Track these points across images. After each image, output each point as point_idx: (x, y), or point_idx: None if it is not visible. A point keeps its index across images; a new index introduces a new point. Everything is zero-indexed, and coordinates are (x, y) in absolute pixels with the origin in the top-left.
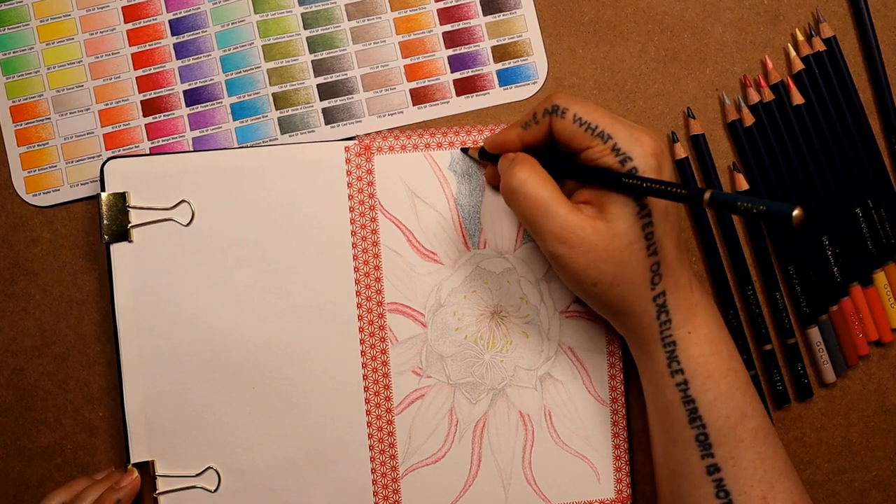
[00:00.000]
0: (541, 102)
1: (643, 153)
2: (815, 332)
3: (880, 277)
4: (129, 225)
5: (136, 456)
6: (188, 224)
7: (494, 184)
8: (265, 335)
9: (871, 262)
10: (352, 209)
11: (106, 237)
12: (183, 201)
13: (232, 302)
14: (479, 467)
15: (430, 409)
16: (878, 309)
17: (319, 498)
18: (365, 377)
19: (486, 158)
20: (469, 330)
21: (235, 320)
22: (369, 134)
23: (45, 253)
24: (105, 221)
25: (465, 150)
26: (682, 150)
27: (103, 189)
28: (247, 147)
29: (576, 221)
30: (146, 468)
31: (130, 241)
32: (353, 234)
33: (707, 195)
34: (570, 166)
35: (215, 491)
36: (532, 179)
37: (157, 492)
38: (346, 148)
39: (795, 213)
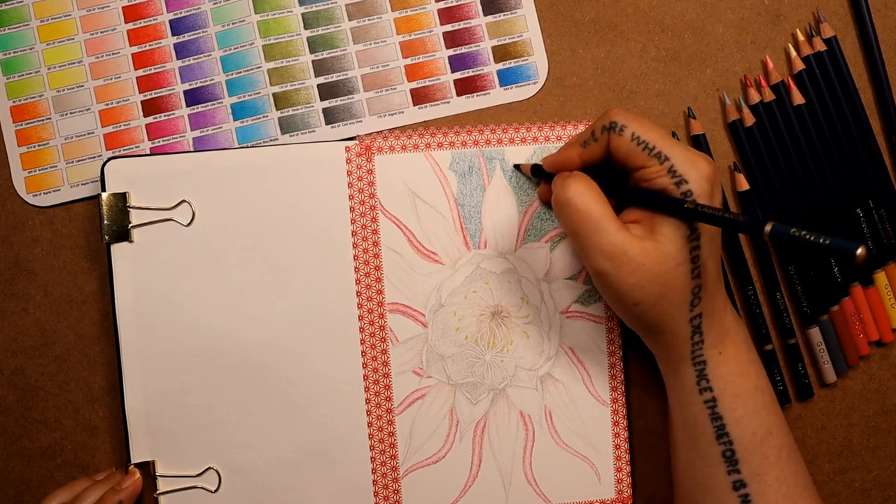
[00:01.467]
0: (598, 119)
1: (699, 177)
2: (815, 333)
3: (881, 277)
4: (130, 225)
5: (137, 456)
6: (189, 224)
7: (546, 200)
8: (266, 335)
9: (872, 262)
10: (352, 209)
11: (106, 237)
12: (183, 201)
13: (232, 302)
14: (479, 467)
15: (430, 409)
16: (879, 309)
17: (320, 498)
18: (365, 377)
19: (539, 176)
20: (470, 330)
21: (236, 320)
22: (370, 134)
23: (46, 253)
24: (105, 221)
25: (517, 167)
26: None
27: (104, 189)
28: (247, 147)
29: (625, 240)
30: (146, 468)
31: (131, 242)
32: (354, 234)
33: (768, 227)
34: (628, 188)
35: (216, 491)
36: (586, 194)
37: (158, 492)
38: (346, 148)
39: (860, 251)
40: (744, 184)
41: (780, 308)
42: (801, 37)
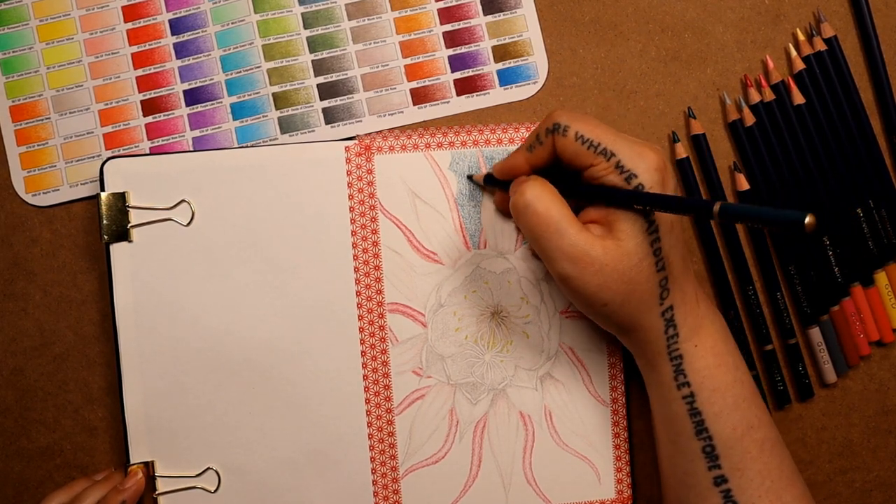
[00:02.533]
0: (542, 122)
1: (647, 168)
2: (815, 333)
3: (881, 277)
4: (129, 225)
5: (136, 456)
6: (188, 224)
7: (503, 209)
8: (265, 335)
9: (872, 261)
10: (352, 209)
11: (106, 237)
12: (183, 201)
13: (232, 302)
14: (479, 468)
15: (430, 409)
16: (879, 309)
17: (319, 498)
18: (365, 377)
19: (493, 184)
20: (469, 330)
21: (235, 320)
22: (369, 134)
23: (45, 253)
24: (105, 221)
25: (470, 178)
26: (682, 150)
27: (103, 189)
28: (247, 147)
29: (586, 241)
30: (146, 469)
31: (130, 241)
32: (354, 234)
33: (716, 207)
34: (579, 186)
35: (215, 491)
36: (542, 197)
37: (157, 492)
38: (346, 148)
39: (808, 220)
40: (744, 184)
41: (780, 308)
42: (801, 36)
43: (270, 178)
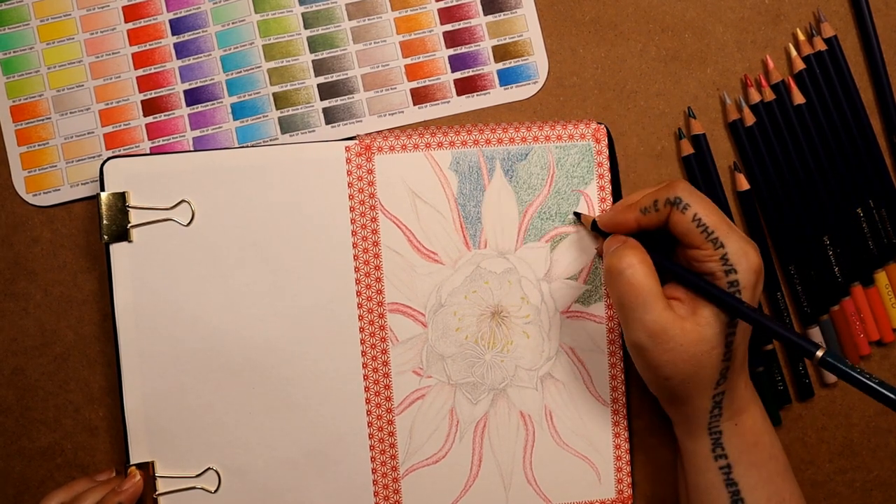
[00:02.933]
0: (662, 189)
1: (748, 268)
2: (815, 332)
3: (881, 277)
4: (129, 225)
5: (136, 457)
6: (188, 224)
7: (601, 252)
8: (265, 335)
9: (872, 261)
10: (352, 209)
11: (105, 237)
12: (183, 201)
13: (232, 302)
14: (479, 467)
15: (430, 409)
16: (879, 309)
17: (320, 498)
18: (365, 377)
19: (597, 231)
20: (470, 330)
21: (235, 320)
22: (370, 134)
23: (45, 253)
24: (105, 221)
25: (577, 215)
26: (688, 147)
27: (103, 189)
28: (247, 147)
29: (668, 319)
30: (146, 469)
31: (130, 241)
32: (354, 233)
33: (819, 353)
34: (679, 268)
35: (215, 492)
36: (640, 268)
37: (158, 493)
38: (346, 148)
39: None
40: (744, 183)
41: (780, 307)
42: (801, 36)
43: (271, 177)
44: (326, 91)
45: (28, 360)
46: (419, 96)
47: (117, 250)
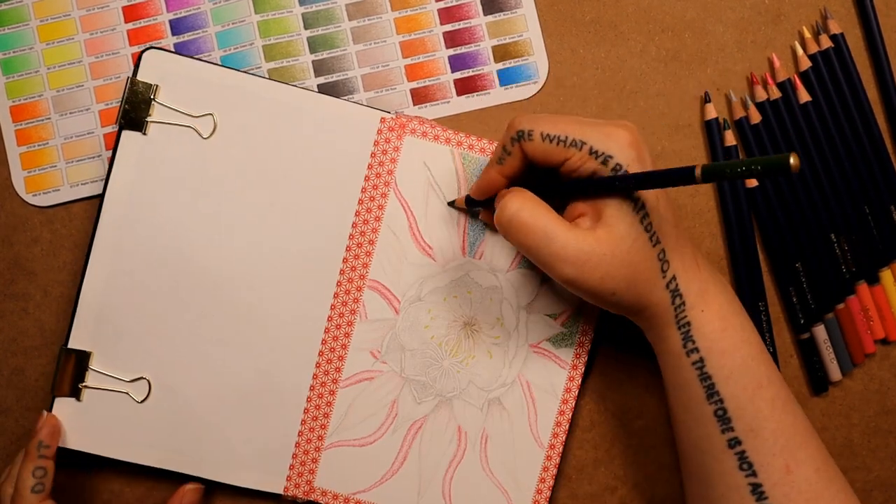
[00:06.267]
0: (505, 133)
1: (620, 147)
2: (821, 330)
3: (887, 275)
4: (148, 118)
5: (76, 342)
6: (207, 138)
7: (492, 223)
8: (241, 267)
9: (879, 259)
10: (367, 178)
11: (122, 121)
12: (209, 114)
13: (221, 225)
14: (401, 466)
15: (375, 393)
16: (885, 307)
17: (239, 441)
18: (323, 342)
19: (476, 205)
20: (438, 332)
21: (218, 244)
22: (409, 115)
23: (45, 253)
24: (126, 106)
25: (451, 204)
26: (713, 111)
27: (135, 75)
28: (290, 84)
29: (577, 238)
30: (81, 360)
31: (144, 134)
32: (360, 202)
33: (698, 171)
34: (558, 184)
35: (141, 402)
36: (525, 207)
37: (84, 383)
38: (382, 119)
39: (792, 160)
40: (751, 181)
41: (792, 303)
42: (807, 34)
43: (302, 121)
44: (327, 91)
45: (28, 360)
46: (419, 96)
47: (128, 138)
